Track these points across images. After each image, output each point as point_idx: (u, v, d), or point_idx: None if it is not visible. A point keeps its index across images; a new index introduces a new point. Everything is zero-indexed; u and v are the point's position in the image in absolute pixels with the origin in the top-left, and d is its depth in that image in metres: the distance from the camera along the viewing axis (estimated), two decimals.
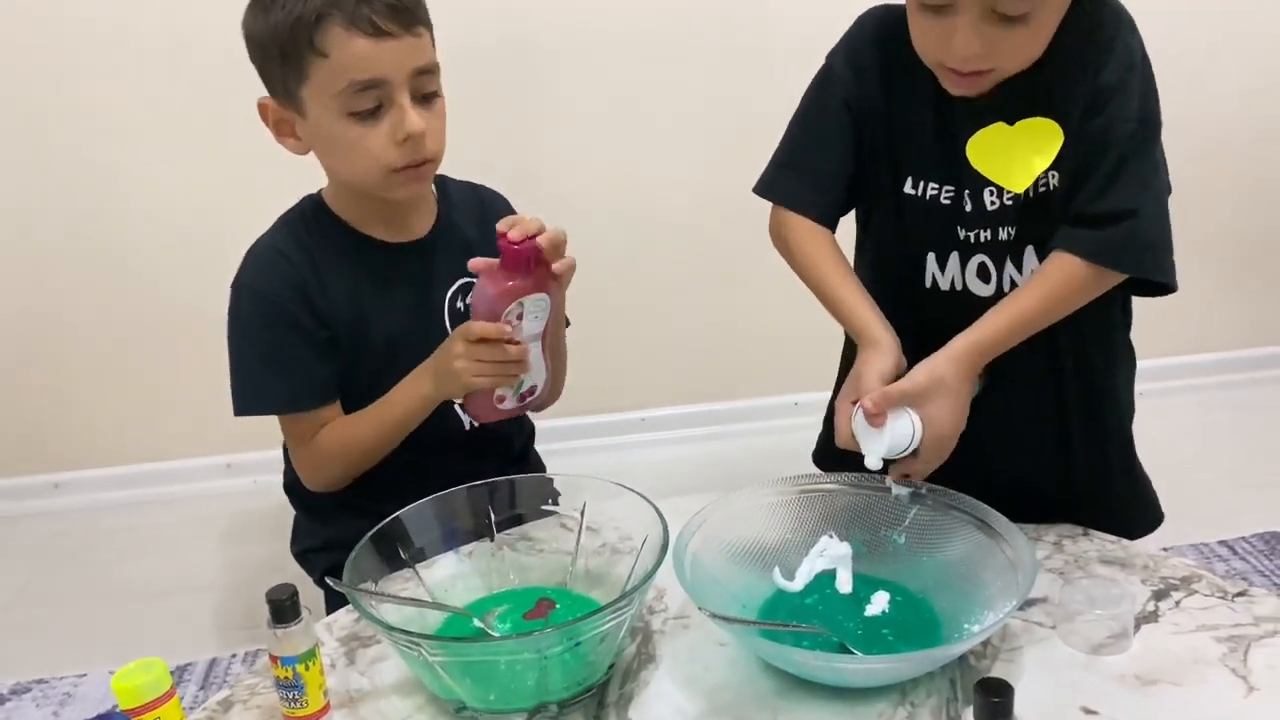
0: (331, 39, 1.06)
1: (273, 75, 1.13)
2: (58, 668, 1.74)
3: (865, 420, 1.00)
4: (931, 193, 1.12)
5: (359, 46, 1.07)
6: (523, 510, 1.08)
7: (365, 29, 1.06)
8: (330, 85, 1.08)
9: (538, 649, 0.82)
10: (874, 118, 1.14)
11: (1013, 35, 0.98)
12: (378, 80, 1.08)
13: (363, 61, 1.07)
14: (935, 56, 1.03)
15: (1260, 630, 0.93)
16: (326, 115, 1.11)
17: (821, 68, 1.18)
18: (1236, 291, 2.66)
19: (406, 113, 1.10)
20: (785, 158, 1.20)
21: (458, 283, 1.25)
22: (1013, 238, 1.10)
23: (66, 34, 2.09)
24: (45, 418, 2.36)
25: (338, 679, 0.94)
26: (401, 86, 1.10)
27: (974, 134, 1.06)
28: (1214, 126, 2.41)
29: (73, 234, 2.23)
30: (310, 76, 1.09)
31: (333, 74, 1.08)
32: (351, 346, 1.21)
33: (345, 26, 1.06)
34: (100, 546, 2.20)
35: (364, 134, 1.10)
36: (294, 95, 1.12)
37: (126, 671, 0.79)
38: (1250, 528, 1.98)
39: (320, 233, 1.21)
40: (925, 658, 0.87)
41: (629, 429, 2.51)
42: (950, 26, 0.98)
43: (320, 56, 1.07)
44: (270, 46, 1.10)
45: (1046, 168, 1.05)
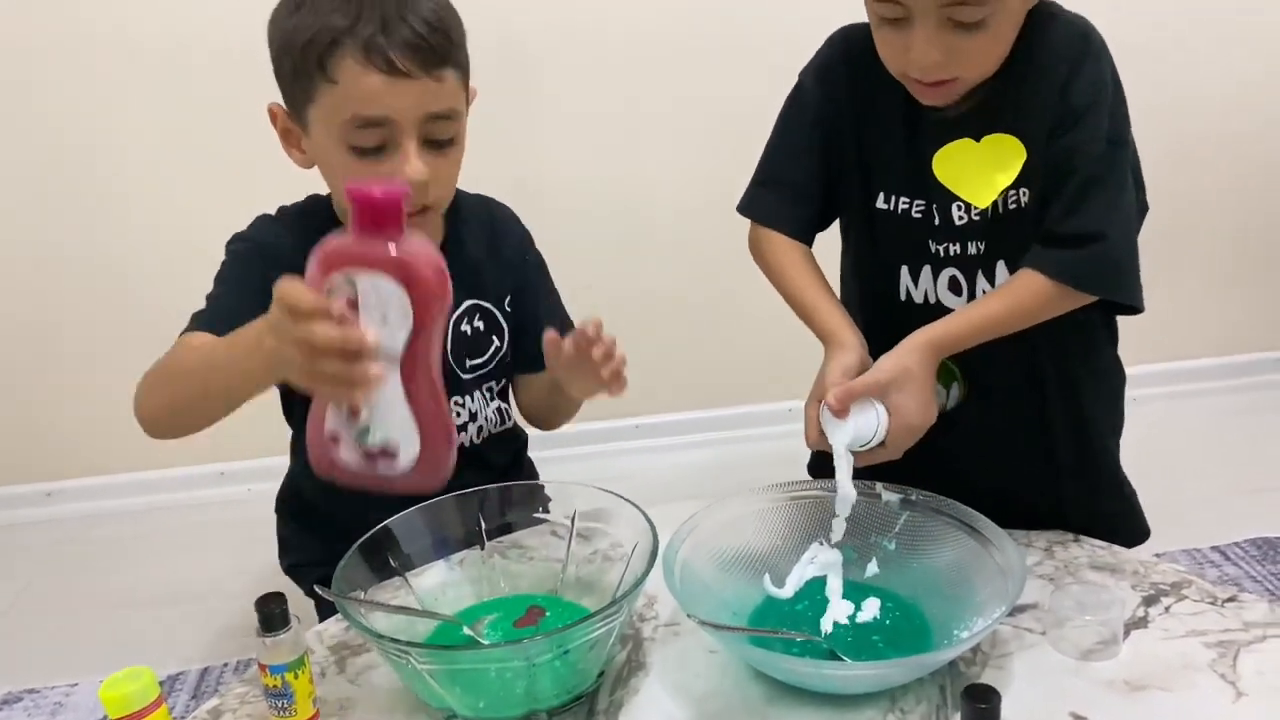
0: (342, 67, 0.98)
1: (283, 85, 1.06)
2: (49, 677, 1.74)
3: (830, 413, 1.01)
4: (903, 207, 1.13)
5: (370, 82, 0.98)
6: (513, 518, 1.08)
7: (379, 65, 0.97)
8: (335, 114, 1.01)
9: (527, 656, 0.82)
10: (844, 135, 1.16)
11: (972, 42, 0.99)
12: (384, 120, 1.00)
13: (371, 98, 0.99)
14: (898, 68, 1.05)
15: (1249, 636, 0.93)
16: (328, 142, 1.03)
17: (794, 86, 1.20)
18: (1227, 297, 2.67)
19: (409, 159, 1.01)
20: (761, 176, 1.23)
21: (464, 305, 1.19)
22: (982, 252, 1.12)
23: (64, 37, 2.09)
24: (38, 426, 2.35)
25: (327, 687, 0.93)
26: (410, 130, 1.01)
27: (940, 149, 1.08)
28: (1212, 132, 2.42)
29: (66, 242, 2.23)
30: (316, 100, 1.02)
31: (338, 103, 1.00)
32: None
33: (359, 58, 0.97)
34: (93, 555, 2.19)
35: (361, 170, 1.02)
36: (300, 112, 1.05)
37: (114, 680, 0.79)
38: (1242, 533, 1.98)
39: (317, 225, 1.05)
40: (915, 664, 0.87)
41: (622, 436, 2.50)
42: (909, 37, 1.00)
43: (328, 82, 0.99)
44: (283, 56, 1.03)
45: (1009, 184, 1.06)
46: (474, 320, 1.20)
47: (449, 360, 1.18)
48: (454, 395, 1.19)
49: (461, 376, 1.19)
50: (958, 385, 1.13)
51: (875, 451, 1.03)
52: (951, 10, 0.96)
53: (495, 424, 1.25)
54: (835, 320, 1.12)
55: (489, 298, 1.21)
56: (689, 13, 2.24)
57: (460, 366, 1.19)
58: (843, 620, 0.96)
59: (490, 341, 1.22)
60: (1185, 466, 2.21)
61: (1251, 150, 2.51)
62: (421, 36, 0.99)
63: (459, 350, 1.18)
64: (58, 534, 2.28)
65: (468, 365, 1.20)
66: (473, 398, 1.21)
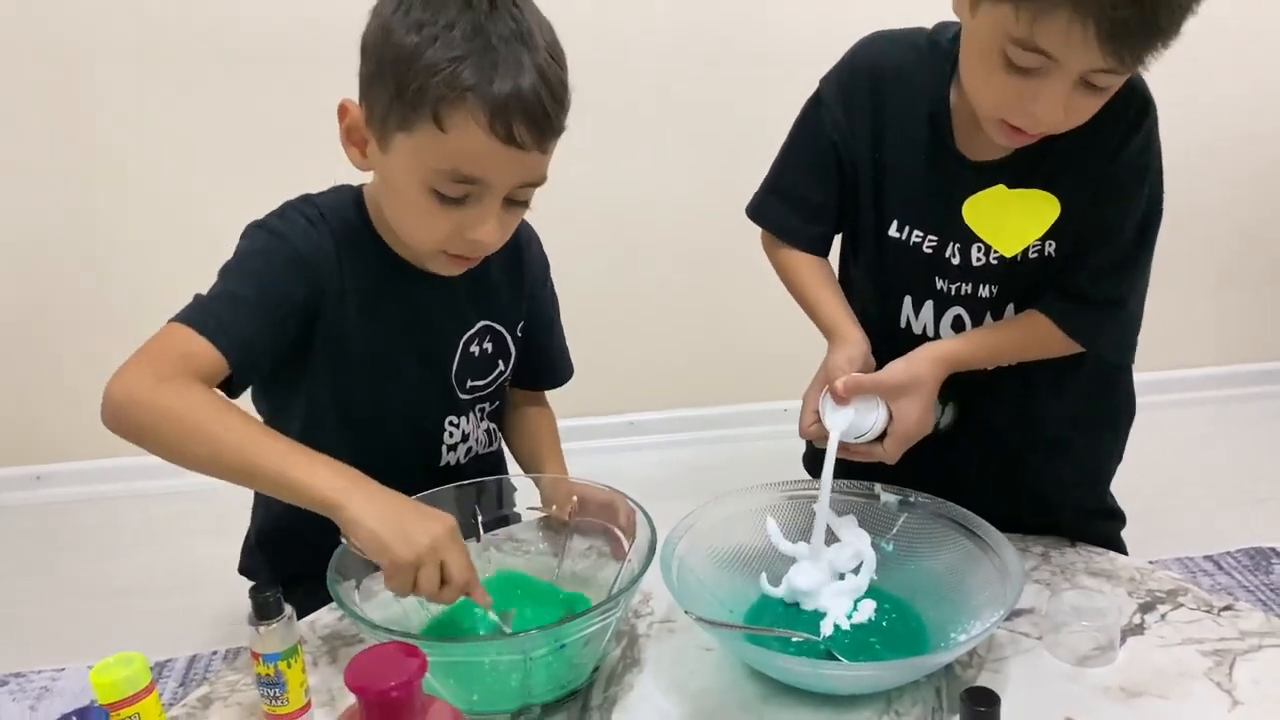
0: (459, 123, 0.90)
1: (375, 95, 0.94)
2: (35, 661, 1.73)
3: (831, 398, 1.03)
4: (915, 239, 1.12)
5: (482, 145, 0.90)
6: (508, 511, 1.08)
7: (499, 133, 0.90)
8: (430, 159, 0.92)
9: (523, 650, 0.81)
10: (861, 158, 1.14)
11: (1090, 101, 0.94)
12: (481, 180, 0.94)
13: (477, 160, 0.92)
14: (1006, 113, 0.97)
15: (1245, 645, 0.93)
16: (408, 174, 0.95)
17: (813, 94, 1.17)
18: (1223, 307, 2.68)
19: (487, 219, 0.96)
20: (775, 183, 1.21)
21: (477, 326, 1.14)
22: (994, 295, 1.11)
23: (65, 29, 2.08)
24: (29, 410, 2.34)
25: (319, 678, 0.93)
26: (499, 194, 0.95)
27: (973, 192, 1.06)
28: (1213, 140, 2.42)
29: (60, 227, 2.22)
30: (414, 134, 0.92)
31: (440, 152, 0.91)
32: (339, 355, 1.06)
33: (481, 120, 0.89)
34: (82, 540, 2.18)
35: (432, 212, 0.96)
36: (386, 131, 0.94)
37: (105, 665, 0.78)
38: (1236, 543, 1.99)
39: (351, 234, 1.06)
40: (911, 666, 0.87)
41: (617, 433, 2.50)
42: (1035, 89, 0.92)
43: (437, 128, 0.90)
44: (389, 73, 0.91)
45: (1039, 236, 1.05)
46: (484, 342, 1.15)
47: (451, 381, 1.13)
48: (449, 415, 1.15)
49: (460, 397, 1.15)
50: (952, 406, 1.13)
51: (870, 449, 1.04)
52: (1094, 75, 0.90)
53: (484, 446, 1.22)
54: (840, 315, 1.13)
55: (503, 321, 1.17)
56: (687, 20, 2.24)
57: (461, 387, 1.15)
58: (842, 621, 0.96)
59: (495, 365, 1.18)
60: (1179, 476, 2.22)
61: (1253, 158, 2.52)
62: (547, 113, 0.93)
63: (464, 371, 1.14)
64: (47, 518, 2.27)
65: (468, 386, 1.16)
66: (467, 419, 1.17)
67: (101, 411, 0.91)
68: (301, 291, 1.00)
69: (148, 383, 0.89)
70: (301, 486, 0.85)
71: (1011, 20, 0.87)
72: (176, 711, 0.89)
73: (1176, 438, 2.40)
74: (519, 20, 0.92)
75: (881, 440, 1.04)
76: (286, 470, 0.85)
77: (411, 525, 0.83)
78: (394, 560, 0.82)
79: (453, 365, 1.13)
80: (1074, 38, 0.85)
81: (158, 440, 0.89)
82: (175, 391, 0.89)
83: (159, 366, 0.91)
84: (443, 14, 0.90)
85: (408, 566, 0.82)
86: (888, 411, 1.04)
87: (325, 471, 0.86)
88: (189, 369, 0.91)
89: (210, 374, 0.93)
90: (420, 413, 1.13)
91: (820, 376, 1.09)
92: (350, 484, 0.85)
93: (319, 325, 1.03)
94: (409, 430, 1.12)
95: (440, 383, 1.13)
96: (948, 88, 1.07)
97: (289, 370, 1.05)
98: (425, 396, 1.12)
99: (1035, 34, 0.87)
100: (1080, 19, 0.84)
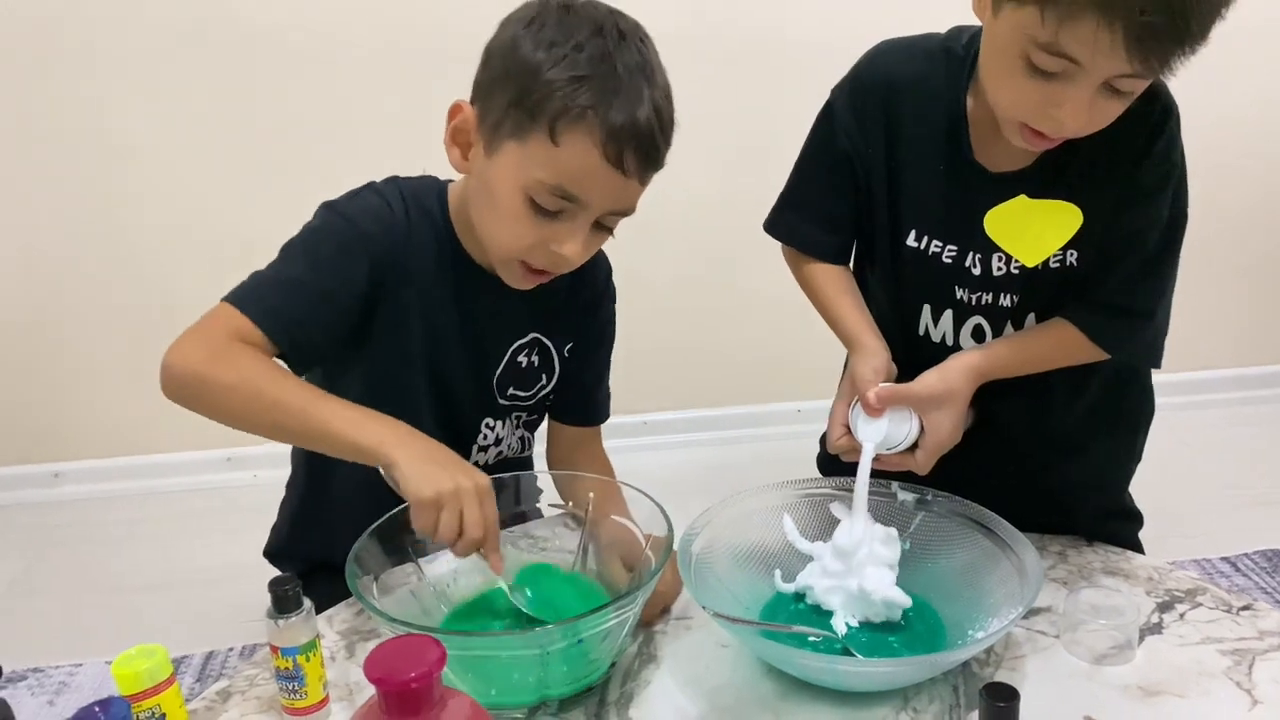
0: (574, 141, 0.92)
1: (492, 100, 0.97)
2: (54, 657, 1.74)
3: (864, 410, 1.03)
4: (934, 249, 1.11)
5: (592, 165, 0.93)
6: (526, 507, 1.08)
7: (610, 157, 0.93)
8: (535, 168, 0.94)
9: (540, 644, 0.81)
10: (875, 167, 1.13)
11: (1113, 106, 0.93)
12: (579, 200, 0.96)
13: (583, 180, 0.94)
14: (1025, 118, 0.95)
15: (1265, 644, 0.92)
16: (510, 181, 0.96)
17: (824, 105, 1.16)
18: (1242, 309, 2.66)
19: (578, 236, 0.98)
20: (791, 197, 1.21)
21: (527, 337, 1.15)
22: (1015, 304, 1.11)
23: (78, 29, 2.10)
24: (47, 408, 2.36)
25: (337, 672, 0.93)
26: (592, 215, 0.98)
27: (994, 202, 1.04)
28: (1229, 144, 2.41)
29: (77, 227, 2.23)
30: (525, 142, 0.94)
31: (548, 164, 0.94)
32: (393, 340, 1.07)
33: (595, 140, 0.92)
34: (99, 537, 2.20)
35: (525, 220, 0.97)
36: (498, 136, 0.96)
37: (127, 657, 0.78)
38: (1253, 545, 1.97)
39: (426, 222, 1.07)
40: (927, 663, 0.87)
41: (631, 432, 2.50)
42: (1059, 93, 0.90)
43: (550, 141, 0.93)
44: (515, 80, 0.94)
45: (1061, 246, 1.04)
46: (532, 354, 1.16)
47: (493, 386, 1.14)
48: (486, 417, 1.16)
49: (499, 401, 1.16)
50: (971, 410, 1.12)
51: (902, 459, 1.04)
52: (1120, 81, 0.89)
53: (515, 451, 1.23)
54: (860, 325, 1.12)
55: (553, 337, 1.18)
56: (695, 16, 2.23)
57: (501, 393, 1.16)
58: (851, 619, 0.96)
59: (539, 378, 1.19)
60: (1197, 477, 2.21)
61: (1273, 159, 2.50)
62: (656, 145, 0.97)
63: (506, 379, 1.15)
64: (65, 515, 2.28)
65: (509, 393, 1.17)
66: (503, 423, 1.18)
67: (161, 382, 0.96)
68: (364, 272, 1.03)
69: (202, 354, 0.95)
70: (350, 439, 0.91)
71: (1036, 23, 0.86)
72: (195, 705, 0.90)
73: (1194, 439, 2.39)
74: (644, 54, 0.96)
75: (913, 451, 1.04)
76: (337, 425, 0.91)
77: (442, 470, 0.89)
78: (417, 496, 0.87)
79: (497, 370, 1.14)
80: (1101, 43, 0.84)
81: (217, 406, 0.95)
82: (230, 359, 0.95)
83: (211, 339, 0.96)
84: (574, 36, 0.93)
85: (429, 504, 0.87)
86: (919, 422, 1.03)
87: (374, 424, 0.92)
88: (240, 340, 0.96)
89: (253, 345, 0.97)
90: (458, 410, 1.14)
91: (846, 389, 1.08)
92: (393, 432, 0.91)
93: (380, 307, 1.06)
94: (444, 425, 1.12)
95: (482, 385, 1.14)
96: (965, 97, 1.06)
97: (347, 354, 1.08)
98: (465, 395, 1.13)
99: (1060, 39, 0.85)
100: (1108, 24, 0.82)
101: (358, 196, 1.07)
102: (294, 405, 0.93)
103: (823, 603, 0.97)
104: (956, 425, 1.04)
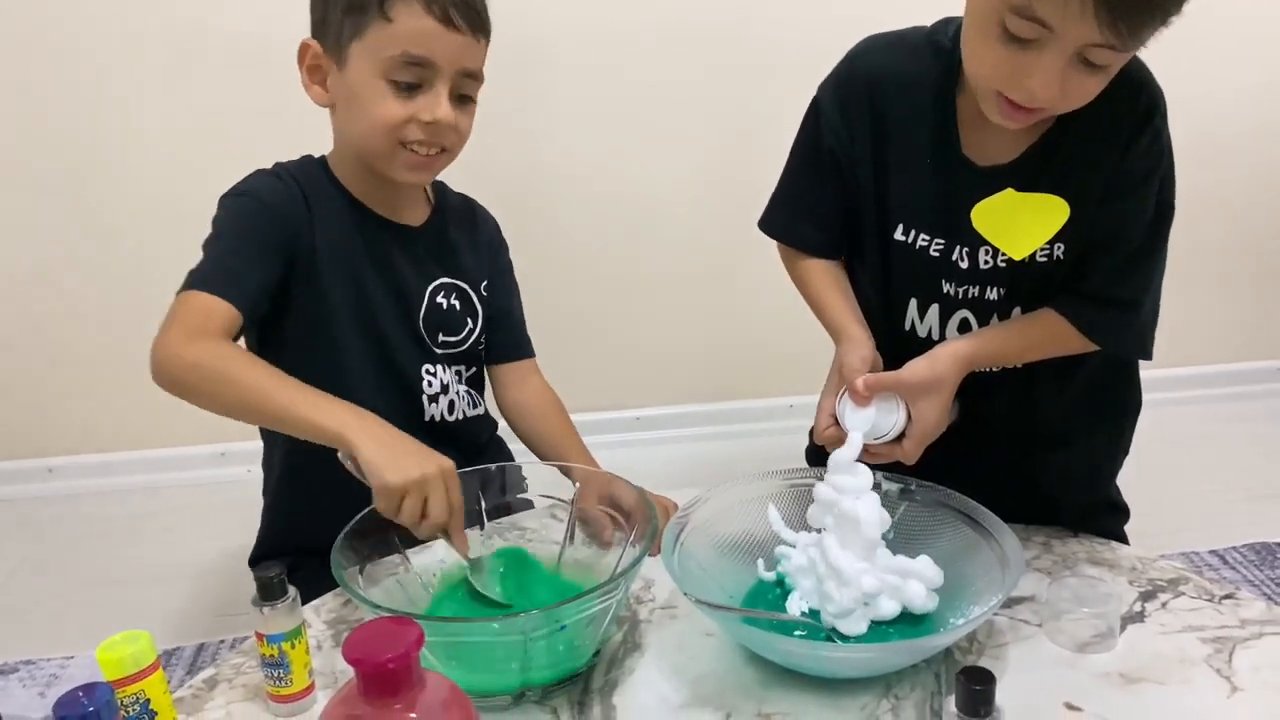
0: (402, 9, 1.07)
1: (329, 21, 1.12)
2: (45, 649, 1.74)
3: (851, 399, 1.03)
4: (921, 243, 1.12)
5: (425, 25, 1.08)
6: (512, 498, 1.08)
7: (436, 13, 1.08)
8: (382, 49, 1.08)
9: (522, 630, 0.82)
10: (861, 162, 1.13)
11: (1089, 80, 0.93)
12: (428, 61, 1.09)
13: (423, 39, 1.08)
14: (1000, 85, 0.96)
15: (1246, 633, 0.93)
16: (366, 72, 1.10)
17: (811, 102, 1.17)
18: (1232, 304, 2.67)
19: (440, 99, 1.11)
20: (782, 194, 1.22)
21: (438, 280, 1.24)
22: (1002, 297, 1.11)
23: (77, 19, 2.10)
24: (40, 402, 2.36)
25: (323, 660, 0.93)
26: (446, 77, 1.11)
27: (981, 196, 1.05)
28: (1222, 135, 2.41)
29: (70, 221, 2.23)
30: (365, 35, 1.09)
31: (389, 40, 1.08)
32: (318, 305, 1.15)
33: (420, 3, 1.07)
34: (93, 531, 2.20)
35: (392, 99, 1.10)
36: (342, 47, 1.11)
37: (112, 643, 0.79)
38: (1241, 538, 1.98)
39: (318, 189, 1.18)
40: (909, 648, 0.87)
41: (623, 428, 2.50)
42: (1031, 62, 0.91)
43: (384, 20, 1.07)
44: None
45: (1048, 239, 1.05)
46: (451, 297, 1.25)
47: (421, 329, 1.22)
48: (424, 364, 1.23)
49: (433, 349, 1.24)
50: (956, 402, 1.13)
51: (890, 449, 1.04)
52: (1092, 51, 0.89)
53: (468, 405, 1.29)
54: (846, 316, 1.14)
55: (465, 279, 1.27)
56: (692, 11, 2.24)
57: (433, 339, 1.23)
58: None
59: (465, 322, 1.27)
60: (1185, 470, 2.22)
61: (1263, 154, 2.51)
62: (470, 1, 1.11)
63: (432, 322, 1.22)
64: (58, 509, 2.28)
65: (440, 340, 1.24)
66: (444, 368, 1.25)
67: (150, 372, 1.02)
68: (279, 235, 1.12)
69: (181, 342, 1.01)
70: (312, 421, 0.95)
71: None
72: (182, 694, 0.90)
73: (1182, 433, 2.39)
74: None
75: (899, 441, 1.04)
76: (301, 409, 0.96)
77: (405, 457, 0.92)
78: (381, 483, 0.90)
79: (420, 312, 1.22)
80: (1072, 8, 0.85)
81: (195, 390, 1.01)
82: (203, 347, 1.01)
83: (188, 327, 1.03)
84: None
85: (394, 490, 0.90)
86: (907, 411, 1.03)
87: (335, 408, 0.96)
88: (212, 326, 1.03)
89: (230, 327, 1.05)
90: (395, 360, 1.20)
91: (833, 381, 1.08)
92: (355, 417, 0.95)
93: (296, 274, 1.14)
94: (390, 377, 1.20)
95: (411, 329, 1.21)
96: (953, 90, 1.07)
97: (273, 322, 1.14)
98: (399, 342, 1.20)
99: (1033, 1, 0.87)
100: None
101: (251, 178, 1.16)
102: (258, 387, 0.98)
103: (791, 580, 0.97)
104: (943, 413, 1.05)
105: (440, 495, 0.92)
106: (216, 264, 1.09)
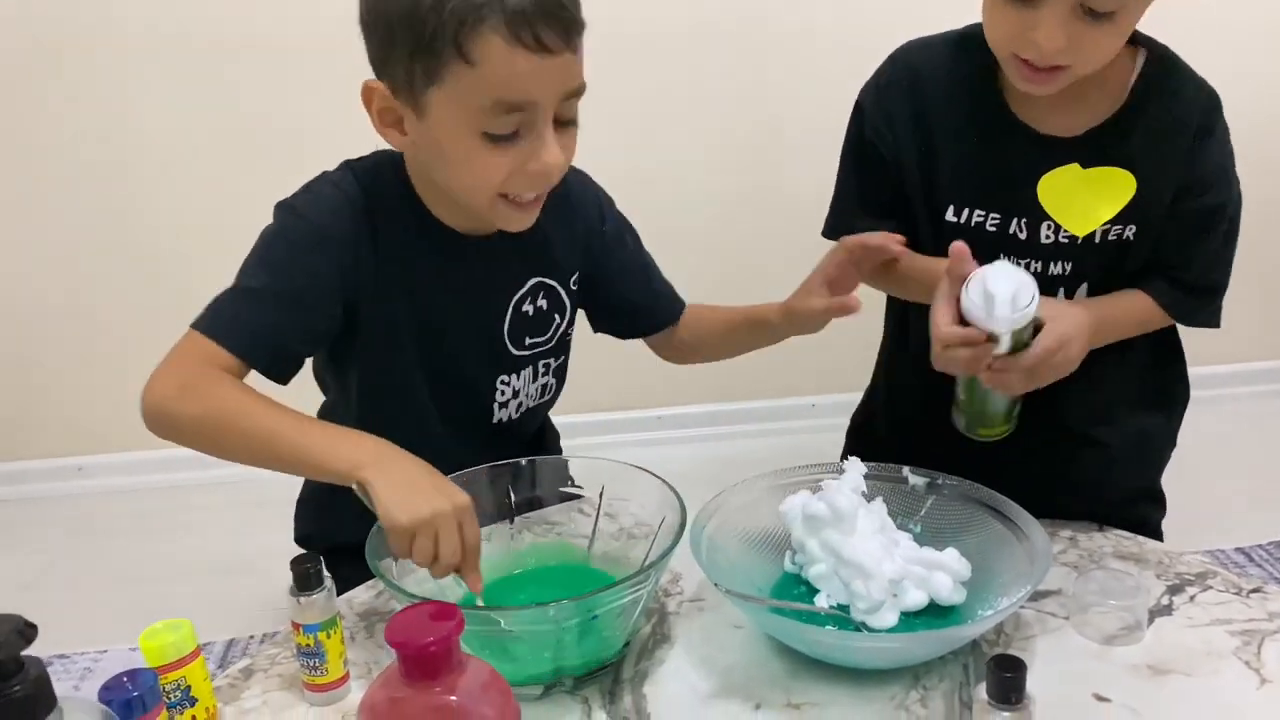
0: (485, 48, 0.87)
1: (395, 63, 0.92)
2: (79, 644, 1.77)
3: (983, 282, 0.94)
4: (976, 220, 1.12)
5: (517, 63, 0.88)
6: (542, 492, 1.09)
7: (528, 42, 0.88)
8: (470, 99, 0.90)
9: (554, 620, 0.83)
10: (907, 157, 1.15)
11: (1097, 32, 0.96)
12: (527, 104, 0.91)
13: (517, 81, 0.89)
14: (1013, 48, 1.01)
15: (1274, 625, 0.93)
16: (450, 124, 0.93)
17: (854, 107, 1.20)
18: (1258, 302, 2.64)
19: (547, 144, 0.93)
20: (839, 199, 1.24)
21: (528, 284, 1.12)
22: (1067, 273, 1.12)
23: (86, 23, 2.13)
24: (71, 402, 2.39)
25: (357, 651, 0.95)
26: (549, 111, 0.93)
27: (1041, 161, 1.07)
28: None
29: (97, 225, 2.27)
30: (446, 82, 0.90)
31: (476, 87, 0.89)
32: (385, 325, 1.06)
33: (505, 36, 0.87)
34: (122, 529, 2.23)
35: (487, 155, 0.93)
36: (416, 94, 0.93)
37: (153, 631, 0.81)
38: (1267, 535, 1.97)
39: (386, 197, 1.05)
40: (937, 638, 0.88)
41: (646, 426, 2.52)
42: (1035, 18, 0.96)
43: (465, 64, 0.88)
44: (401, 31, 0.90)
45: (1112, 218, 1.06)
46: (538, 300, 1.14)
47: (505, 340, 1.12)
48: (500, 374, 1.14)
49: (514, 354, 1.14)
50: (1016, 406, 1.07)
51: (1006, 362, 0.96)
52: None
53: (535, 399, 1.21)
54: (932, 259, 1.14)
55: (556, 274, 1.15)
56: (703, 10, 2.24)
57: (517, 345, 1.14)
58: None
59: (552, 319, 1.17)
60: (1212, 469, 2.20)
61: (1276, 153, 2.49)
62: (564, 5, 0.90)
63: (517, 330, 1.13)
64: (88, 507, 2.32)
65: (526, 343, 1.15)
66: (519, 376, 1.16)
67: (142, 416, 0.96)
68: (330, 265, 1.01)
69: (173, 390, 0.94)
70: (322, 465, 0.89)
71: None
72: (219, 683, 0.92)
73: (1212, 431, 2.37)
74: None
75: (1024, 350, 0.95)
76: (310, 453, 0.90)
77: (418, 495, 0.85)
78: (391, 522, 0.84)
79: (504, 326, 1.11)
80: None
81: (193, 441, 0.95)
82: (199, 394, 0.93)
83: (182, 372, 0.95)
84: None
85: (403, 531, 0.84)
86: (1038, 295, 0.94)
87: (345, 446, 0.89)
88: (213, 374, 0.95)
89: (234, 373, 0.96)
90: (471, 375, 1.13)
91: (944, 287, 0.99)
92: (370, 455, 0.88)
93: (360, 298, 1.04)
94: (461, 393, 1.12)
95: (490, 345, 1.12)
96: (997, 69, 1.08)
97: (342, 343, 1.07)
98: (475, 360, 1.12)
99: None
100: None
101: (310, 190, 1.04)
102: (263, 433, 0.91)
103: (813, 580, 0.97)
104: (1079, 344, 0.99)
105: (451, 534, 0.85)
106: (229, 304, 0.99)
